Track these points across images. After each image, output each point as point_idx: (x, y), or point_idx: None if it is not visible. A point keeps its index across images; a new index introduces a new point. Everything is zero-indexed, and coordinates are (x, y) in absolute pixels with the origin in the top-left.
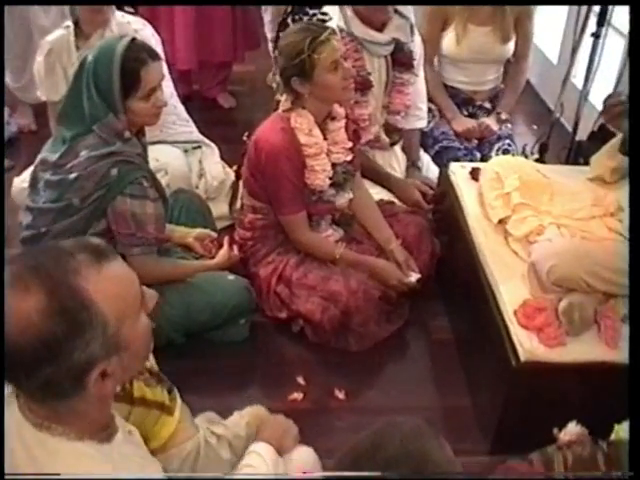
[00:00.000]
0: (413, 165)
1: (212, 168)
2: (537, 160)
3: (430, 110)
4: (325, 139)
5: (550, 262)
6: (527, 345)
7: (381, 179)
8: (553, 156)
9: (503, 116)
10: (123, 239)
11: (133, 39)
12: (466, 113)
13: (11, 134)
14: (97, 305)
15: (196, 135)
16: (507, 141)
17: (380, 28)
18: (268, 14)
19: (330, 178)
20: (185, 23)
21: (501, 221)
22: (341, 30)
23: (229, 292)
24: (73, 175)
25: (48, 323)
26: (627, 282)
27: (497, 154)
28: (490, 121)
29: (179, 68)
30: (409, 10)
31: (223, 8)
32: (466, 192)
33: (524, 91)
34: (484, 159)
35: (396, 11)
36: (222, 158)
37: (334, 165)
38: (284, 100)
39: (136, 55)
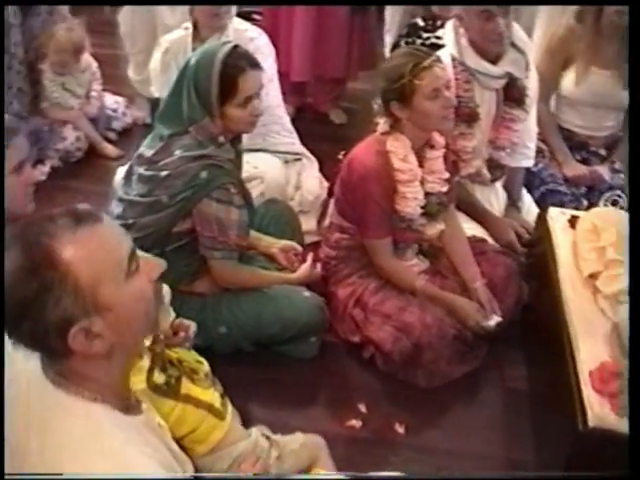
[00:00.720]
0: (513, 205)
1: (309, 182)
2: None
3: (541, 150)
4: (421, 167)
5: None
6: (597, 410)
7: (477, 215)
8: None
9: (617, 166)
10: (205, 241)
11: (235, 46)
12: (578, 158)
13: (125, 125)
14: (69, 265)
15: (298, 147)
16: (618, 192)
17: (494, 60)
18: (389, 35)
19: (422, 207)
20: (303, 36)
21: (592, 275)
22: (453, 59)
23: (301, 308)
24: (164, 172)
25: (21, 279)
26: None
27: (605, 204)
28: (603, 169)
29: (292, 79)
30: (527, 45)
31: (341, 25)
32: (561, 240)
33: None
34: (591, 208)
35: (513, 45)
36: (322, 173)
37: (428, 194)
38: (382, 123)
39: (236, 62)
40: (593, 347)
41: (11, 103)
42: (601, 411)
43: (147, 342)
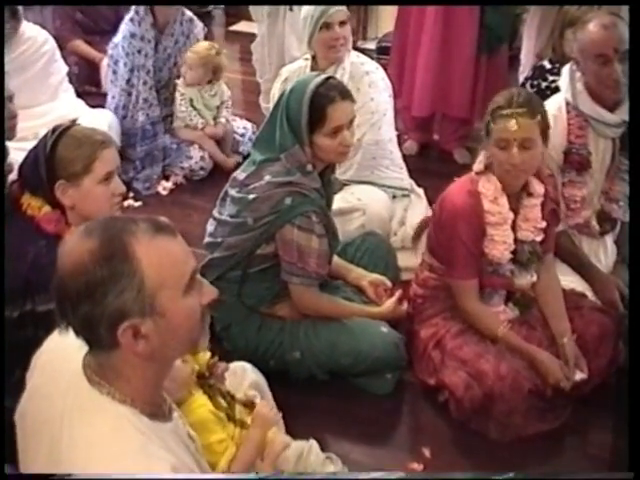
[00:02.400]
0: (624, 262)
1: (415, 218)
2: None
3: None
4: (516, 213)
5: None
6: None
7: (581, 268)
8: None
9: None
10: (286, 266)
11: (329, 77)
12: None
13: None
14: (140, 263)
15: (407, 183)
16: None
17: (612, 107)
18: (524, 77)
19: (513, 254)
20: (426, 72)
21: None
22: (567, 103)
23: (376, 343)
24: (252, 196)
25: (93, 263)
26: None
27: None
28: None
29: (413, 114)
30: None
31: (466, 64)
32: None
33: None
34: None
35: None
36: None
37: (521, 242)
38: (478, 162)
39: (326, 92)
40: None
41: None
42: None
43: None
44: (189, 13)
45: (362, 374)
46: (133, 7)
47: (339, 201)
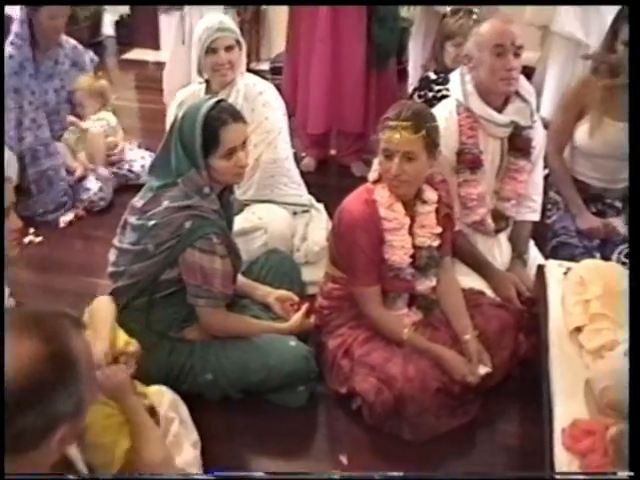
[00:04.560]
0: (519, 257)
1: (316, 233)
2: None
3: (556, 202)
4: (412, 220)
5: (604, 382)
6: (565, 470)
7: (479, 266)
8: None
9: None
10: (191, 289)
11: (219, 100)
12: (594, 210)
13: None
14: (79, 364)
15: (306, 199)
16: None
17: (499, 108)
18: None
19: (412, 259)
20: (318, 89)
21: (579, 329)
22: (459, 104)
23: (286, 357)
24: (152, 222)
25: (40, 367)
26: None
27: (619, 257)
28: (618, 222)
29: (308, 132)
30: (532, 95)
31: (357, 80)
32: (554, 293)
33: None
34: (604, 260)
35: (517, 94)
36: None
37: (419, 248)
38: (373, 171)
39: (218, 115)
40: (571, 404)
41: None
42: (569, 470)
43: None
44: (73, 41)
45: (275, 389)
46: (14, 30)
47: (240, 221)
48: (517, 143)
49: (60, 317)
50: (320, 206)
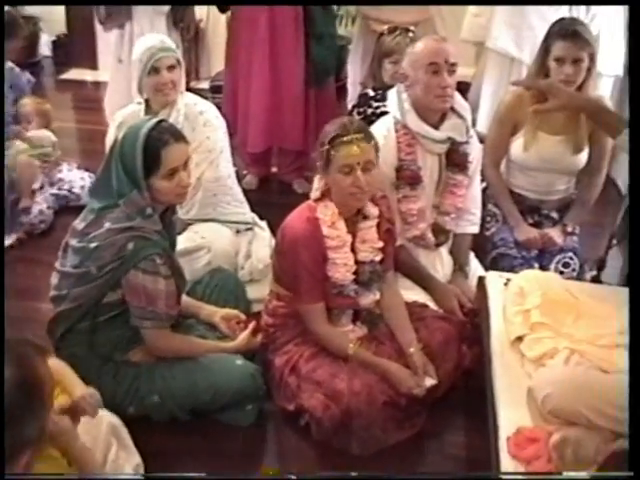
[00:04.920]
0: (460, 269)
1: (260, 251)
2: (593, 278)
3: (494, 215)
4: (354, 236)
5: (545, 390)
6: (511, 477)
7: (421, 280)
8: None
9: (569, 228)
10: (135, 311)
11: (160, 121)
12: (531, 221)
13: None
14: (45, 390)
15: (249, 217)
16: (570, 254)
17: (436, 125)
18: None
19: (355, 275)
20: (258, 108)
21: (520, 338)
22: (396, 122)
23: (233, 376)
24: (93, 244)
25: (10, 392)
26: None
27: (556, 266)
28: (554, 232)
29: (249, 150)
30: (467, 110)
31: (296, 98)
32: (495, 303)
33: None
34: (542, 270)
35: (453, 109)
36: None
37: (362, 263)
38: (315, 189)
39: (159, 136)
40: (515, 412)
41: None
42: (514, 477)
43: None
44: (10, 64)
45: (223, 409)
46: None
47: (184, 241)
48: (454, 158)
49: (26, 344)
50: (263, 224)
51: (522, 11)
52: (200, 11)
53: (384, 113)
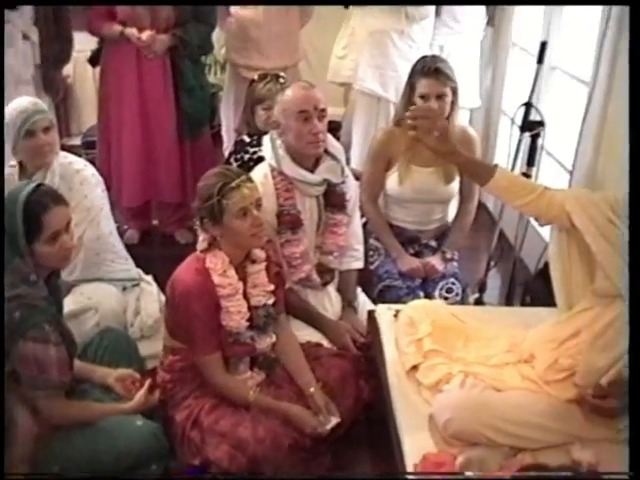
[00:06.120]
0: (349, 305)
1: (149, 306)
2: (477, 300)
3: (376, 248)
4: (245, 282)
5: (446, 415)
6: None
7: (312, 320)
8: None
9: (448, 255)
10: (27, 381)
11: (39, 185)
12: (412, 252)
13: None
14: None
15: (135, 272)
16: (451, 279)
17: (311, 169)
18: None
19: (250, 320)
20: (131, 162)
21: (415, 367)
22: (273, 169)
23: (134, 438)
24: None
25: None
26: (536, 436)
27: (440, 293)
28: (435, 260)
29: (125, 205)
30: (340, 152)
31: (170, 151)
32: (387, 335)
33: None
34: (427, 298)
35: (327, 152)
36: None
37: (255, 308)
38: (201, 241)
39: (38, 200)
40: (419, 440)
41: None
42: None
43: None
44: None
45: (127, 471)
46: None
47: (69, 303)
48: (332, 199)
49: None
50: (149, 278)
51: (385, 53)
52: (66, 67)
53: (262, 158)
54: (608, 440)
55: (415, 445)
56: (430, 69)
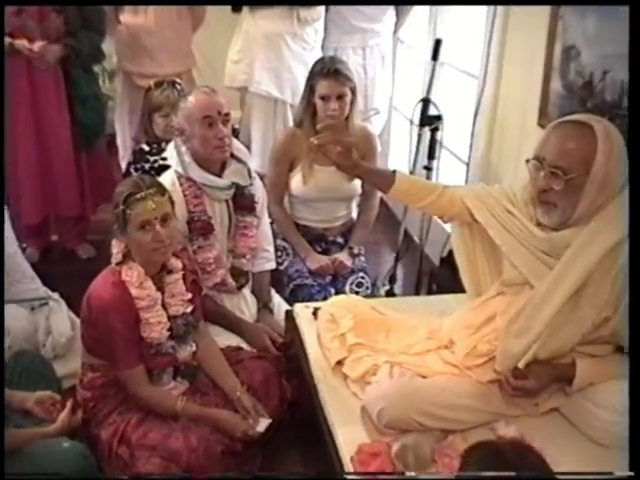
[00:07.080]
0: (265, 307)
1: (59, 324)
2: (388, 292)
3: (284, 249)
4: (163, 292)
5: (379, 405)
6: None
7: (230, 324)
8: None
9: (355, 250)
10: None
11: None
12: (319, 249)
13: None
14: None
15: (43, 291)
16: (361, 274)
17: (218, 173)
18: (125, 162)
19: (170, 330)
20: (26, 177)
21: (340, 362)
22: (180, 176)
23: (62, 461)
24: None
25: None
26: (463, 417)
27: (351, 288)
28: (343, 256)
29: (24, 222)
30: (246, 155)
31: (65, 164)
32: (308, 333)
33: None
34: (338, 294)
35: (233, 155)
36: (77, 312)
37: (174, 318)
38: (115, 253)
39: None
40: (351, 432)
41: None
42: None
43: None
44: None
45: None
46: None
47: None
48: (241, 202)
49: None
50: (56, 295)
51: (279, 55)
52: None
53: (163, 167)
54: (528, 415)
55: (348, 437)
56: (330, 70)
